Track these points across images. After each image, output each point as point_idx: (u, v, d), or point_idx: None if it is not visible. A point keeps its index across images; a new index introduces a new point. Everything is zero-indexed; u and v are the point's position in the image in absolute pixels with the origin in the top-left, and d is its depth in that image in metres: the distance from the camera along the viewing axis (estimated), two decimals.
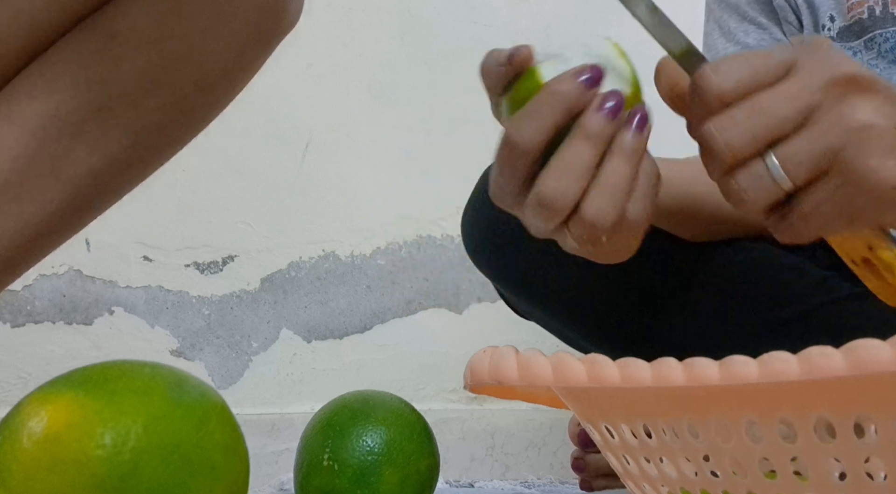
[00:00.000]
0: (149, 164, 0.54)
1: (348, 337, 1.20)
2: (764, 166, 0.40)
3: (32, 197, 0.49)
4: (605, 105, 0.42)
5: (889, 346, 0.27)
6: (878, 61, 0.69)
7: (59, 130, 0.48)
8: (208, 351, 1.18)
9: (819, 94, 0.40)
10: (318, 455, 0.64)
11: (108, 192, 0.52)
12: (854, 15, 0.71)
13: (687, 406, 0.33)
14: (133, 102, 0.49)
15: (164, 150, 0.54)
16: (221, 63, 0.51)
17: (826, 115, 0.40)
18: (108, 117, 0.49)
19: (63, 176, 0.49)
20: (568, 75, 0.42)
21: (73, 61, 0.48)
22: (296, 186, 1.20)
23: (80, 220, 0.52)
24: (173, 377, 0.47)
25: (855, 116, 0.40)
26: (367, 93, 1.23)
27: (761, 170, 0.40)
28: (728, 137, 0.40)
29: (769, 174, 0.40)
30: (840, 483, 0.31)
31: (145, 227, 1.18)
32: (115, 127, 0.49)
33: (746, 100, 0.40)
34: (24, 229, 0.49)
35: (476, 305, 1.21)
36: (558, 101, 0.42)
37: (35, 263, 0.52)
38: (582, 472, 0.86)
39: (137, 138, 0.51)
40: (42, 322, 1.15)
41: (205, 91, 0.52)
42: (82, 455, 0.42)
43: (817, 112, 0.40)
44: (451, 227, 1.20)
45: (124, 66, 0.49)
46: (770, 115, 0.40)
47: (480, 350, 0.38)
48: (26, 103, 0.48)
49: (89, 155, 0.49)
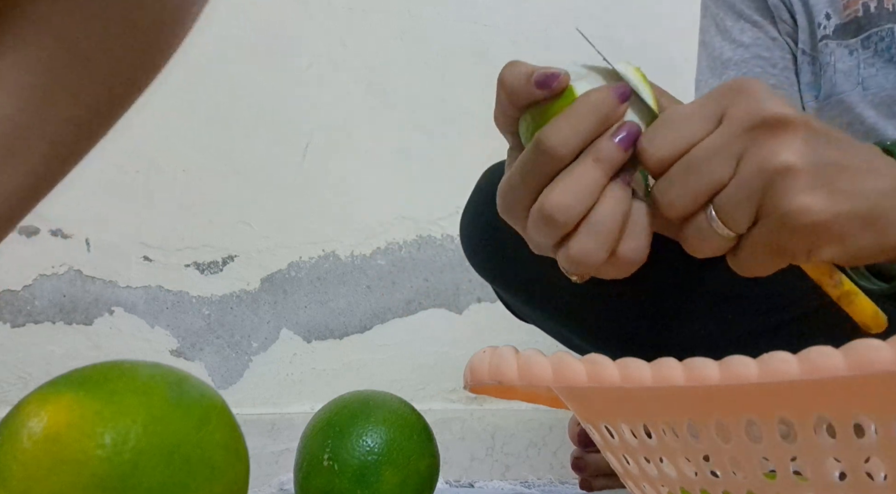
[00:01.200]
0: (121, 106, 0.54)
1: (348, 337, 1.20)
2: (706, 218, 0.43)
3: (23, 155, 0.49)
4: (619, 133, 0.44)
5: (889, 346, 0.27)
6: (874, 60, 0.69)
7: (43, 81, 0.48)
8: (208, 351, 1.18)
9: (741, 141, 0.42)
10: (318, 455, 0.64)
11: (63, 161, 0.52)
12: (850, 13, 0.71)
13: (687, 406, 0.33)
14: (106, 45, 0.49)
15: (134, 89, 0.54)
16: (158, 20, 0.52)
17: (749, 163, 0.42)
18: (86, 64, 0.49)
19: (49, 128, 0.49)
20: (603, 87, 0.44)
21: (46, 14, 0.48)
22: (296, 186, 1.20)
23: (40, 193, 0.52)
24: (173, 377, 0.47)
25: (774, 160, 0.42)
26: (367, 93, 1.23)
27: (703, 222, 0.43)
28: (668, 198, 0.43)
29: (710, 226, 0.43)
30: (840, 483, 0.31)
31: (145, 227, 1.18)
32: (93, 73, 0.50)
33: (681, 160, 0.43)
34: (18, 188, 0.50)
35: (476, 305, 1.21)
36: (594, 108, 0.43)
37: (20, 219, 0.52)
38: (582, 472, 0.86)
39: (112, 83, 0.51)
40: (42, 322, 1.15)
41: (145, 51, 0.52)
42: (82, 455, 0.42)
43: (742, 160, 0.42)
44: (451, 227, 1.20)
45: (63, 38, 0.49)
46: (701, 171, 0.42)
47: (480, 350, 0.38)
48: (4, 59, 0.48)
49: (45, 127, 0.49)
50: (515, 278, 0.72)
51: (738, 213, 0.42)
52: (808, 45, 0.74)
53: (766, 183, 0.42)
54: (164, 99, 1.19)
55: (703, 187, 0.42)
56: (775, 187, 0.41)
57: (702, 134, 0.43)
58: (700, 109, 0.44)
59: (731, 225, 0.43)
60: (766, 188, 0.42)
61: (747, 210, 0.42)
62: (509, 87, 0.46)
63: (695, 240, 0.44)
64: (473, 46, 1.24)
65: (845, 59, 0.71)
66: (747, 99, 0.43)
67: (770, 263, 0.44)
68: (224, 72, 1.21)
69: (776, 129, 0.42)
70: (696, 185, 0.42)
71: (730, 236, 0.43)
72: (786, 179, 0.41)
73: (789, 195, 0.41)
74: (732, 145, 0.42)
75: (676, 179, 0.43)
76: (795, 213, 0.41)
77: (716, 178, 0.42)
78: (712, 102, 0.44)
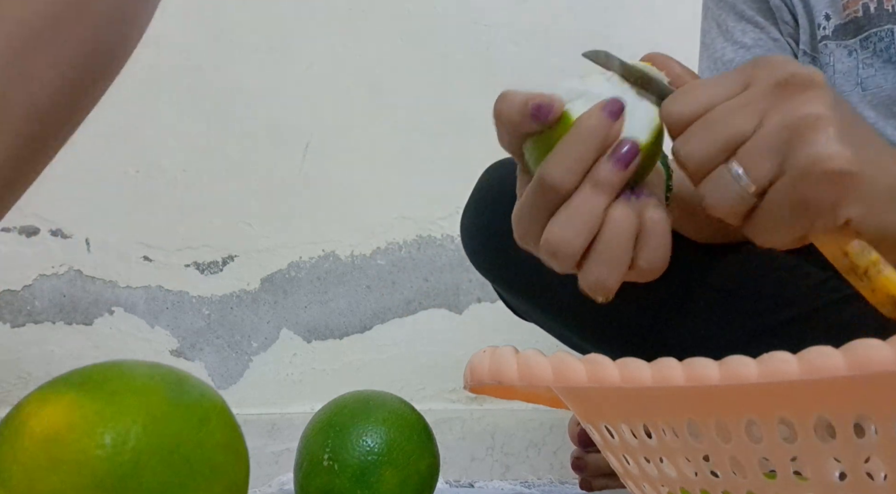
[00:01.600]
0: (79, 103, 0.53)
1: (348, 337, 1.20)
2: (727, 172, 0.42)
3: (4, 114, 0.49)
4: (615, 154, 0.43)
5: (889, 346, 0.27)
6: (873, 60, 0.69)
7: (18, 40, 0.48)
8: (208, 351, 1.18)
9: (767, 97, 0.42)
10: (318, 455, 0.64)
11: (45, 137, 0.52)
12: (849, 13, 0.71)
13: (687, 406, 0.33)
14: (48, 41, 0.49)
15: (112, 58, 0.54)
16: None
17: (776, 113, 0.41)
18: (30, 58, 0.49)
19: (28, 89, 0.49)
20: (593, 109, 0.44)
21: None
22: (296, 186, 1.20)
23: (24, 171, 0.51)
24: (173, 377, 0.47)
25: (800, 110, 0.41)
26: (367, 93, 1.23)
27: (724, 176, 0.42)
28: (689, 150, 0.42)
29: (732, 179, 0.42)
30: (840, 483, 0.31)
31: (145, 227, 1.18)
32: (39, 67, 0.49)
33: (703, 116, 0.42)
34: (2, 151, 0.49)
35: (476, 305, 1.21)
36: (589, 136, 0.43)
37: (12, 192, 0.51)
38: (582, 472, 0.86)
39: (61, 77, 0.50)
40: (42, 322, 1.15)
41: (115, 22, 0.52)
42: (82, 455, 0.42)
43: (768, 112, 0.41)
44: (451, 227, 1.20)
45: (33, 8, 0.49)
46: (723, 123, 0.42)
47: (480, 350, 0.38)
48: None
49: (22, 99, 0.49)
50: (516, 276, 0.72)
51: (762, 161, 0.41)
52: (808, 45, 0.74)
53: (792, 132, 0.41)
54: (165, 99, 1.19)
55: (726, 138, 0.41)
56: (802, 135, 0.40)
57: (725, 96, 0.43)
58: (724, 77, 0.44)
59: (755, 175, 0.41)
60: (793, 137, 0.41)
61: (772, 159, 0.41)
62: (506, 121, 0.45)
63: (714, 194, 0.42)
64: (473, 46, 1.23)
65: (844, 60, 0.71)
66: (772, 64, 0.43)
67: (791, 224, 0.42)
68: (224, 72, 1.21)
69: (804, 86, 0.41)
70: (717, 135, 0.42)
71: (750, 189, 0.41)
72: (815, 128, 0.40)
73: (818, 142, 0.40)
74: (758, 101, 0.42)
75: (697, 130, 0.42)
76: (823, 158, 0.40)
77: (739, 129, 0.41)
78: (736, 73, 0.44)
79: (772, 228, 0.43)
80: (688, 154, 0.42)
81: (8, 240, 1.16)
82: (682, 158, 0.42)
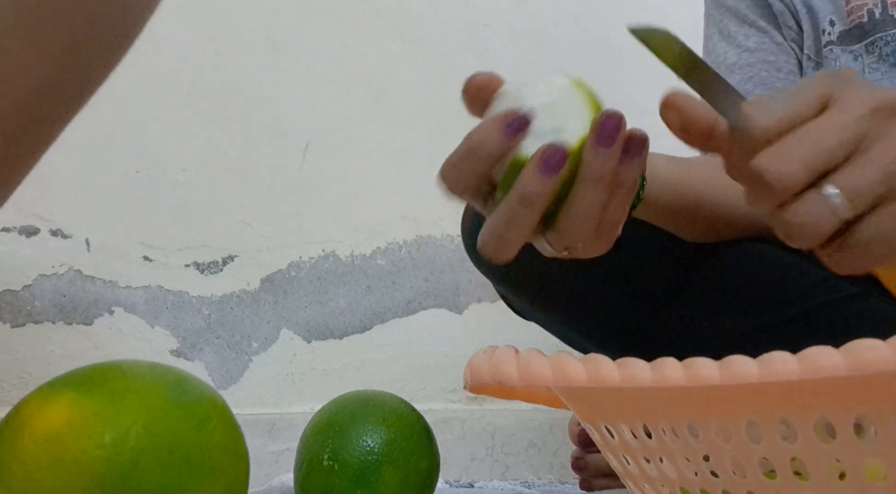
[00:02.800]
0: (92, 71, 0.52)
1: (348, 337, 1.20)
2: (820, 197, 0.40)
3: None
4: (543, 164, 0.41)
5: (889, 346, 0.27)
6: (879, 65, 0.69)
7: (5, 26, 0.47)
8: (208, 351, 1.18)
9: (865, 122, 0.40)
10: (318, 455, 0.64)
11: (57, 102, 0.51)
12: (854, 18, 0.71)
13: (687, 406, 0.33)
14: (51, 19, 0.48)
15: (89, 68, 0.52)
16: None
17: (877, 141, 0.40)
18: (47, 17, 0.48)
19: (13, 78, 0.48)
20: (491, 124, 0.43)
21: None
22: (296, 186, 1.20)
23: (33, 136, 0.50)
24: (173, 377, 0.47)
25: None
26: (367, 93, 1.23)
27: (819, 200, 0.40)
28: (781, 169, 0.39)
29: (827, 204, 0.40)
30: (840, 483, 0.31)
31: (145, 227, 1.18)
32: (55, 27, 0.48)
33: (793, 132, 0.40)
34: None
35: (476, 305, 1.21)
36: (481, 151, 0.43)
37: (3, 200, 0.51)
38: (582, 472, 0.86)
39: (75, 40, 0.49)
40: (42, 322, 1.15)
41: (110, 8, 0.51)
42: (82, 455, 0.42)
43: (866, 140, 0.40)
44: (451, 227, 1.20)
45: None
46: (820, 144, 0.40)
47: (480, 350, 0.38)
48: None
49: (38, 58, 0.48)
50: (516, 275, 0.72)
51: (866, 189, 0.39)
52: (812, 50, 0.74)
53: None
54: (165, 99, 1.19)
55: (821, 162, 0.40)
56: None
57: (812, 112, 0.41)
58: (796, 93, 0.42)
59: (857, 201, 0.39)
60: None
61: (876, 189, 0.40)
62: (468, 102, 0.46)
63: (804, 220, 0.40)
64: (473, 46, 1.23)
65: (850, 65, 0.71)
66: (857, 86, 0.42)
67: (881, 253, 0.41)
68: (224, 72, 1.21)
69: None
70: (813, 157, 0.39)
71: (848, 216, 0.40)
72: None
73: None
74: (855, 125, 0.40)
75: (789, 149, 0.40)
76: None
77: (835, 152, 0.40)
78: (808, 90, 0.42)
79: (862, 256, 0.41)
80: (781, 174, 0.39)
81: (8, 240, 1.16)
82: (774, 177, 0.39)
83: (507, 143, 0.42)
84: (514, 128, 0.42)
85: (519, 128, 0.42)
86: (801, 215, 0.40)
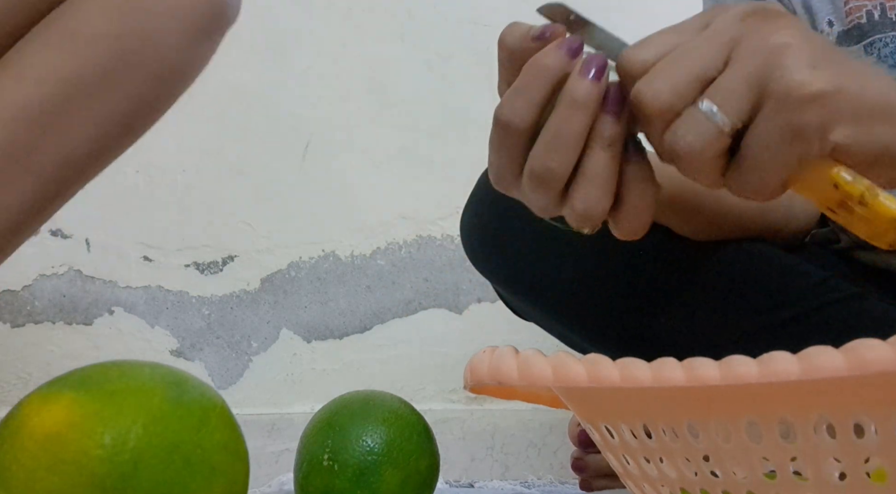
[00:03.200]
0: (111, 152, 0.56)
1: (348, 337, 1.20)
2: (699, 111, 0.39)
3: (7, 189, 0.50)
4: (587, 68, 0.41)
5: (889, 346, 0.27)
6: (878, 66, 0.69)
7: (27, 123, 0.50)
8: (208, 351, 1.18)
9: (732, 30, 0.40)
10: (318, 455, 0.64)
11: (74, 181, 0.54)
12: (853, 19, 0.71)
13: (687, 406, 0.33)
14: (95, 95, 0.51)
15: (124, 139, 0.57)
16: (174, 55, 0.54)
17: (745, 45, 0.39)
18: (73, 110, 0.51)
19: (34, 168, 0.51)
20: (551, 48, 0.42)
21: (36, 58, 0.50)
22: (296, 186, 1.20)
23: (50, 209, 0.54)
24: (173, 377, 0.47)
25: (769, 39, 0.39)
26: (367, 93, 1.23)
27: (697, 115, 0.39)
28: (654, 90, 0.39)
29: (705, 118, 0.39)
30: (840, 483, 0.31)
31: (145, 227, 1.18)
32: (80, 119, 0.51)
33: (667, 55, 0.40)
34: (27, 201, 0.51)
35: (476, 305, 1.21)
36: (543, 75, 0.41)
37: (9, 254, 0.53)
38: (582, 472, 0.86)
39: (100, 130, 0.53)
40: (42, 322, 1.15)
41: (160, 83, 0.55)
42: (82, 455, 0.42)
43: (737, 45, 0.39)
44: (451, 227, 1.20)
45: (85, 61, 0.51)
46: (690, 58, 0.39)
47: (480, 350, 0.38)
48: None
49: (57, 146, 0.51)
50: (515, 276, 0.72)
51: (737, 95, 0.38)
52: None
53: (765, 61, 0.38)
54: None
55: (693, 74, 0.39)
56: (776, 63, 0.38)
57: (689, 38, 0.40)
58: (683, 22, 0.42)
59: (730, 110, 0.38)
60: (766, 67, 0.38)
61: (748, 92, 0.39)
62: (507, 46, 0.45)
63: (686, 138, 0.39)
64: (473, 46, 1.23)
65: None
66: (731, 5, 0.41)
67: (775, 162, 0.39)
68: (224, 72, 1.21)
69: (770, 16, 0.40)
70: (684, 72, 0.39)
71: (725, 126, 0.39)
72: (786, 56, 0.38)
73: (793, 67, 0.38)
74: (723, 34, 0.40)
75: (661, 69, 0.39)
76: (801, 82, 0.38)
77: (707, 64, 0.39)
78: (696, 17, 0.42)
79: (755, 170, 0.40)
80: (654, 95, 0.39)
81: None
82: (648, 100, 0.39)
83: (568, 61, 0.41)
84: (574, 50, 0.42)
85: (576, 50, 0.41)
86: (681, 134, 0.39)
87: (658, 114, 0.39)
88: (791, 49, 0.38)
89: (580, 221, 0.43)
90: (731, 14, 0.40)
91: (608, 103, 0.41)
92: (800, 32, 0.40)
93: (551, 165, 0.41)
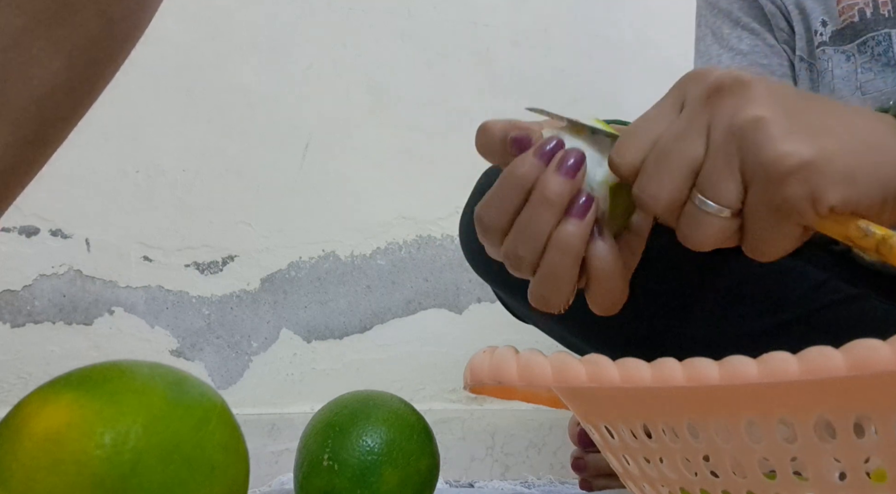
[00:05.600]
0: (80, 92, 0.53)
1: (348, 337, 1.20)
2: (695, 207, 0.40)
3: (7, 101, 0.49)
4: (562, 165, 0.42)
5: (889, 346, 0.27)
6: (871, 64, 0.70)
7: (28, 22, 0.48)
8: (208, 351, 1.18)
9: (704, 114, 0.40)
10: (318, 455, 0.64)
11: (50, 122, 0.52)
12: (845, 18, 0.71)
13: (687, 406, 0.33)
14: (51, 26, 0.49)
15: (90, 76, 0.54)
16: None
17: (717, 128, 0.40)
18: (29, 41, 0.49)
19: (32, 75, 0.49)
20: (527, 156, 0.43)
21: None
22: (296, 186, 1.20)
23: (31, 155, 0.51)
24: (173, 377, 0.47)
25: (737, 117, 0.39)
26: (367, 93, 1.23)
27: (695, 212, 0.40)
28: (650, 193, 0.41)
29: (704, 212, 0.40)
30: (840, 483, 0.31)
31: (145, 227, 1.18)
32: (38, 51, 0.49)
33: (651, 153, 0.41)
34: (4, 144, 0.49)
35: (476, 305, 1.21)
36: (518, 184, 0.43)
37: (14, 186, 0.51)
38: (582, 472, 0.86)
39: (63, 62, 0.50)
40: (42, 322, 1.15)
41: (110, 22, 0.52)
42: (82, 455, 0.42)
43: (711, 132, 0.40)
44: (451, 227, 1.20)
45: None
46: (672, 154, 0.40)
47: (480, 351, 0.38)
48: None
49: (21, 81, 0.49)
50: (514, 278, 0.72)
51: (721, 183, 0.39)
52: (805, 51, 0.74)
53: (740, 142, 0.39)
54: (165, 99, 1.19)
55: (681, 170, 0.40)
56: (750, 142, 0.38)
57: (668, 125, 0.41)
58: (659, 107, 0.42)
59: (721, 199, 0.39)
60: (742, 147, 0.39)
61: (730, 177, 0.39)
62: (488, 154, 0.46)
63: (696, 233, 0.41)
64: (473, 46, 1.23)
65: (843, 65, 0.71)
66: (699, 78, 0.41)
67: (779, 231, 0.40)
68: (224, 72, 1.21)
69: (734, 89, 0.40)
70: (672, 169, 0.40)
71: (723, 213, 0.40)
72: (758, 131, 0.38)
73: (765, 145, 0.38)
74: (696, 121, 0.40)
75: (651, 171, 0.40)
76: (778, 159, 0.38)
77: (690, 155, 0.40)
78: (669, 97, 0.42)
79: (761, 242, 0.41)
80: (653, 198, 0.41)
81: (8, 240, 1.15)
82: (649, 205, 0.41)
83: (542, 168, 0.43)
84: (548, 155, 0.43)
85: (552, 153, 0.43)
86: (688, 233, 0.41)
87: (662, 214, 0.41)
88: (762, 123, 0.39)
89: (538, 306, 0.45)
90: (699, 94, 0.41)
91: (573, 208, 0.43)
92: (768, 98, 0.40)
93: (520, 254, 0.44)
